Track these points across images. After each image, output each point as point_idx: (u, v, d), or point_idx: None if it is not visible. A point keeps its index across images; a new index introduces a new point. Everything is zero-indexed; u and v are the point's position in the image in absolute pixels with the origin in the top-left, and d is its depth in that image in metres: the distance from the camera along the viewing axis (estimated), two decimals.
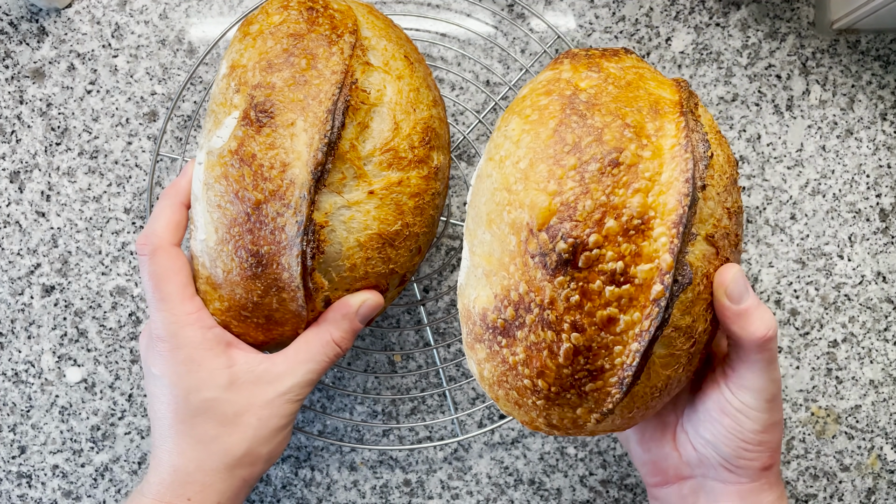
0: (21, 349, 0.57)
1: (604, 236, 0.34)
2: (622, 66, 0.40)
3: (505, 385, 0.39)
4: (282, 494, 0.57)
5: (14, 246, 0.57)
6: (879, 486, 0.57)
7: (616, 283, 0.34)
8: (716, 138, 0.38)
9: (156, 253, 0.43)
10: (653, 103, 0.37)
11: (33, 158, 0.57)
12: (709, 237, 0.36)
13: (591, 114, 0.37)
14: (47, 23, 0.57)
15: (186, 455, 0.42)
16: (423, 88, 0.44)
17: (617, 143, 0.35)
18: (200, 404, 0.42)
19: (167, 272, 0.43)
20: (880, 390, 0.57)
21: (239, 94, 0.41)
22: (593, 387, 0.36)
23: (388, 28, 0.46)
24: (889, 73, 0.58)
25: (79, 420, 0.57)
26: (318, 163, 0.39)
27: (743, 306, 0.37)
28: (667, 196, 0.35)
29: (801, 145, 0.58)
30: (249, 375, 0.43)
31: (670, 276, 0.34)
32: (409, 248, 0.44)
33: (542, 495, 0.57)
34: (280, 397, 0.43)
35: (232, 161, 0.40)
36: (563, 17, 0.58)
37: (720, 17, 0.58)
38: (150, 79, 0.58)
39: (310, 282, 0.41)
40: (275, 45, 0.41)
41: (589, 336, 0.35)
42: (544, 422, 0.39)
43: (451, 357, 0.57)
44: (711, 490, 0.40)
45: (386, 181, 0.41)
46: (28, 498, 0.57)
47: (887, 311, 0.57)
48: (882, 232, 0.57)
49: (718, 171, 0.37)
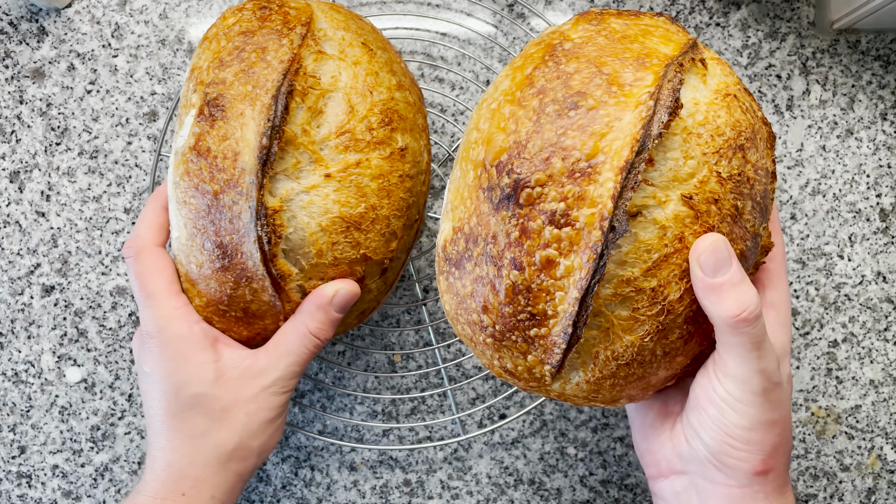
0: (21, 349, 0.57)
1: (548, 175, 0.34)
2: (631, 22, 0.39)
3: (460, 319, 0.39)
4: (282, 494, 0.57)
5: (14, 246, 0.57)
6: (879, 486, 0.57)
7: (556, 224, 0.34)
8: (723, 101, 0.36)
9: (140, 254, 0.44)
10: (642, 55, 0.37)
11: (33, 158, 0.57)
12: (686, 198, 0.35)
13: (567, 60, 0.37)
14: (47, 23, 0.57)
15: (179, 451, 0.42)
16: (385, 73, 0.45)
17: (582, 87, 0.35)
18: (190, 400, 0.42)
19: (151, 271, 0.44)
20: (880, 390, 0.57)
21: (196, 94, 0.43)
22: (538, 333, 0.36)
23: (349, 20, 0.46)
24: (889, 73, 0.58)
25: (79, 420, 0.57)
26: (262, 147, 0.40)
27: (717, 280, 0.34)
28: (621, 142, 0.34)
29: (801, 145, 0.58)
30: (235, 371, 0.43)
31: (608, 221, 0.33)
32: (379, 231, 0.44)
33: (542, 495, 0.57)
34: (265, 391, 0.44)
35: (191, 157, 0.42)
36: (563, 16, 0.58)
37: (720, 17, 0.58)
38: (150, 79, 0.58)
39: (273, 269, 0.42)
40: (227, 43, 0.43)
41: (529, 276, 0.35)
42: (499, 365, 0.39)
43: (452, 357, 0.57)
44: (702, 490, 0.38)
45: (343, 163, 0.42)
46: (28, 498, 0.57)
47: (887, 311, 0.57)
48: (882, 232, 0.57)
49: (710, 131, 0.35)
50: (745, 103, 0.38)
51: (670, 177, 0.35)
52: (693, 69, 0.37)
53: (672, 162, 0.35)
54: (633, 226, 0.35)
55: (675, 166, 0.35)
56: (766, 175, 0.38)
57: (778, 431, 0.37)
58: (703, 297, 0.35)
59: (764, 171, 0.38)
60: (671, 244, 0.35)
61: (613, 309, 0.35)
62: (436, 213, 0.57)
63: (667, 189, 0.35)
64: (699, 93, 0.37)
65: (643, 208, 0.35)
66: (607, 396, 0.39)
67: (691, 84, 0.37)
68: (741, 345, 0.35)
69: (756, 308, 0.35)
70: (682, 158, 0.35)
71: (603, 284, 0.35)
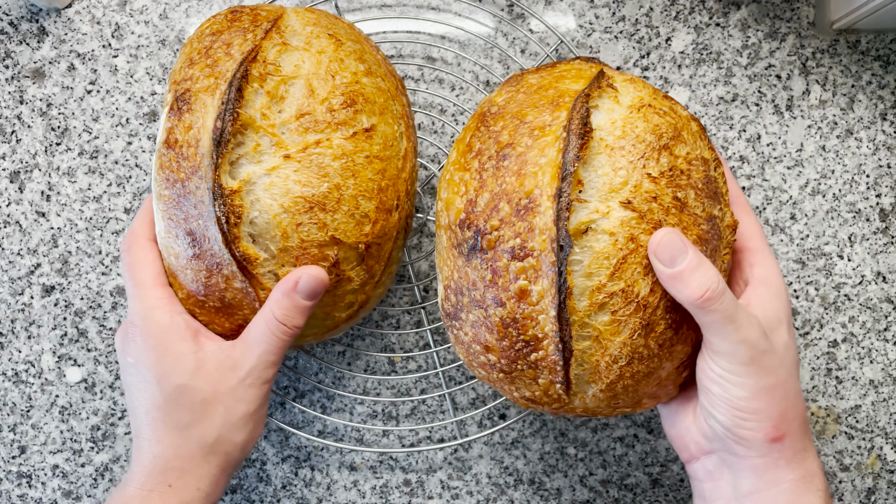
0: (21, 349, 0.57)
1: (500, 220, 0.40)
2: (546, 73, 0.45)
3: (473, 364, 0.44)
4: (282, 494, 0.57)
5: (14, 246, 0.57)
6: (879, 486, 0.57)
7: (517, 258, 0.39)
8: (638, 112, 0.41)
9: (131, 247, 0.46)
10: (556, 98, 0.42)
11: (33, 158, 0.57)
12: (625, 203, 0.39)
13: (494, 122, 0.43)
14: (47, 23, 0.58)
15: (164, 442, 0.43)
16: (351, 60, 0.45)
17: (510, 139, 0.41)
18: (172, 391, 0.43)
19: (140, 262, 0.45)
20: (880, 390, 0.57)
21: (170, 93, 0.44)
22: (537, 357, 0.40)
23: (321, 17, 0.47)
24: (889, 73, 0.58)
25: (79, 420, 0.57)
26: (216, 129, 0.41)
27: (676, 269, 0.37)
28: (549, 174, 0.39)
29: (801, 145, 0.58)
30: (213, 362, 0.44)
31: (556, 242, 0.38)
32: (347, 213, 0.44)
33: (542, 495, 0.57)
34: (241, 383, 0.44)
35: (164, 150, 0.43)
36: (562, 17, 0.58)
37: (720, 17, 0.58)
38: (151, 79, 0.58)
39: (236, 251, 0.42)
40: (198, 44, 0.45)
41: (511, 309, 0.40)
42: (520, 396, 0.43)
43: (452, 358, 0.57)
44: (732, 465, 0.40)
45: (303, 144, 0.43)
46: (28, 498, 0.57)
47: (887, 311, 0.57)
48: (882, 232, 0.57)
49: (631, 141, 0.40)
50: (663, 108, 0.42)
51: (606, 190, 0.39)
52: (605, 94, 0.42)
53: (604, 177, 0.39)
54: (587, 240, 0.39)
55: (607, 179, 0.39)
56: (704, 162, 0.42)
57: (780, 396, 0.39)
58: (670, 286, 0.38)
59: (700, 160, 0.41)
60: (625, 246, 0.38)
61: (596, 318, 0.39)
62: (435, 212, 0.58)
63: (606, 201, 0.39)
64: (615, 113, 0.41)
65: (591, 223, 0.39)
66: (628, 401, 0.42)
67: (606, 107, 0.41)
68: (716, 322, 0.38)
69: (718, 285, 0.37)
70: (612, 171, 0.39)
71: (578, 298, 0.39)
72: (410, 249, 0.57)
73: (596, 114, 0.41)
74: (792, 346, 0.41)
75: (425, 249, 0.58)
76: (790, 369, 0.40)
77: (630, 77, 0.44)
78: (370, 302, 0.49)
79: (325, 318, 0.47)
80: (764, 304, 0.41)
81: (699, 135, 0.43)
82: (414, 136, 0.49)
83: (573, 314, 0.39)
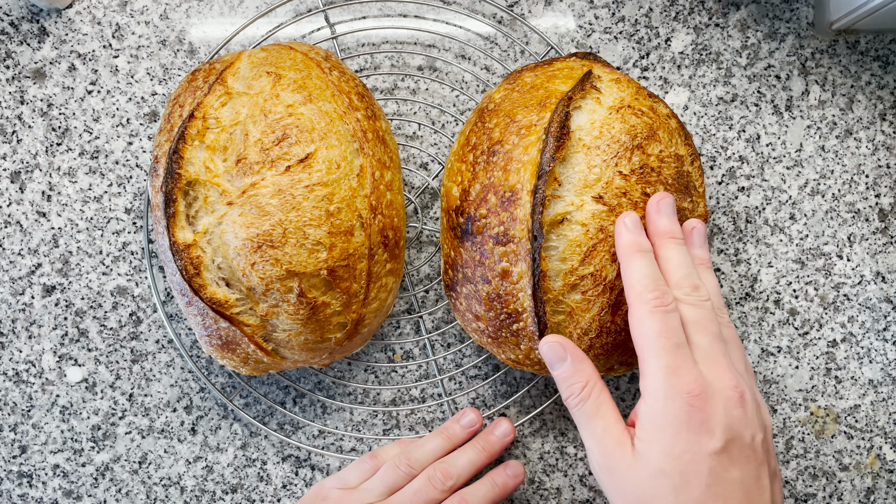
0: (22, 349, 0.57)
1: (487, 209, 0.45)
2: (541, 71, 0.49)
3: (469, 328, 0.50)
4: (282, 494, 0.57)
5: (15, 246, 0.57)
6: (878, 486, 0.57)
7: (501, 243, 0.45)
8: (617, 114, 0.45)
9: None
10: (544, 98, 0.47)
11: (34, 159, 0.57)
12: (597, 198, 0.44)
13: (489, 118, 0.48)
14: (48, 23, 0.58)
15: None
16: (288, 93, 0.46)
17: (500, 136, 0.46)
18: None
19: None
20: (879, 390, 0.57)
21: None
22: (518, 327, 0.46)
23: (271, 54, 0.49)
24: (888, 73, 0.58)
25: (79, 420, 0.57)
26: (162, 191, 0.45)
27: (555, 373, 0.44)
28: (529, 171, 0.44)
29: (800, 145, 0.58)
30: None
31: (531, 232, 0.43)
32: (297, 244, 0.45)
33: (542, 495, 0.57)
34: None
35: (149, 212, 0.49)
36: (562, 17, 0.58)
37: (719, 18, 0.58)
38: (151, 79, 0.58)
39: (204, 295, 0.45)
40: (167, 110, 0.49)
41: (495, 286, 0.46)
42: (506, 357, 0.49)
43: (452, 359, 0.57)
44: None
45: (242, 188, 0.45)
46: (29, 497, 0.57)
47: (886, 311, 0.57)
48: (881, 232, 0.58)
49: (606, 141, 0.44)
50: (642, 108, 0.46)
51: (581, 185, 0.44)
52: (589, 96, 0.46)
53: (580, 174, 0.44)
54: (562, 229, 0.44)
55: (582, 176, 0.44)
56: (678, 159, 0.46)
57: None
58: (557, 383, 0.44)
59: (673, 157, 0.46)
60: (595, 236, 0.44)
61: (569, 296, 0.45)
62: (435, 213, 0.58)
63: (581, 195, 0.44)
64: (595, 114, 0.45)
65: (566, 214, 0.44)
66: (601, 366, 0.48)
67: (588, 108, 0.46)
68: (577, 420, 0.44)
69: (582, 391, 0.43)
70: (587, 169, 0.44)
71: (553, 279, 0.45)
72: (412, 257, 0.58)
73: (578, 114, 0.46)
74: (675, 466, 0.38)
75: (425, 255, 0.58)
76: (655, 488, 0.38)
77: (618, 77, 0.48)
78: (367, 318, 0.49)
79: (322, 341, 0.48)
80: (643, 418, 0.40)
81: (677, 132, 0.47)
82: (381, 147, 0.49)
83: (549, 293, 0.45)
